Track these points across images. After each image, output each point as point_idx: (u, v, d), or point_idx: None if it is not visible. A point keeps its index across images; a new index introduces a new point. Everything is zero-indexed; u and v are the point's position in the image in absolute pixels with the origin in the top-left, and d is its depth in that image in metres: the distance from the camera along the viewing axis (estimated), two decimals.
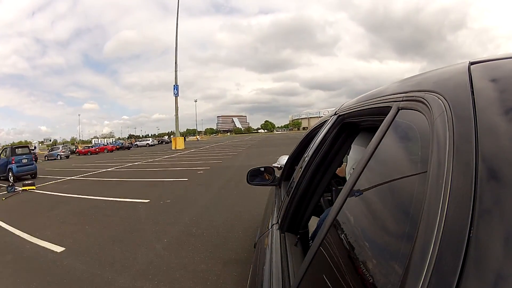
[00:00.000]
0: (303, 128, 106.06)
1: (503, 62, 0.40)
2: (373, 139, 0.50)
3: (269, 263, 0.90)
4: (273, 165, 2.59)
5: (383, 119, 0.51)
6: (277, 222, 1.12)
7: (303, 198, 0.97)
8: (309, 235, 1.05)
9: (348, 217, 0.49)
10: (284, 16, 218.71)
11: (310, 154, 1.04)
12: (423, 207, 0.29)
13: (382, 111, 0.56)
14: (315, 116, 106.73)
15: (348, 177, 1.08)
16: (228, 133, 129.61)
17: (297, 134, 46.39)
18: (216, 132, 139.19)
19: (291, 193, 1.07)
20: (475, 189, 0.25)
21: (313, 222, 1.08)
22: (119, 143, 41.18)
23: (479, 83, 0.35)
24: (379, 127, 0.51)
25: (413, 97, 0.45)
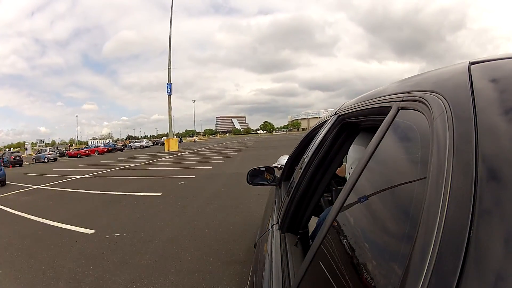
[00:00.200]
0: (303, 128, 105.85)
1: (503, 62, 0.40)
2: (373, 139, 0.50)
3: (269, 263, 0.90)
4: (273, 165, 2.59)
5: (383, 119, 0.51)
6: (277, 222, 1.12)
7: (303, 198, 0.97)
8: (309, 235, 1.05)
9: (348, 217, 0.49)
10: (283, 16, 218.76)
11: (310, 154, 1.04)
12: (423, 207, 0.29)
13: (382, 111, 0.56)
14: (314, 116, 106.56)
15: (348, 177, 1.08)
16: (227, 134, 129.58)
17: (296, 135, 45.25)
18: (215, 133, 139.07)
19: (291, 193, 1.07)
20: (475, 189, 0.25)
21: (313, 222, 1.08)
22: (111, 145, 39.95)
23: (479, 83, 0.35)
24: (379, 127, 0.51)
25: (413, 97, 0.45)
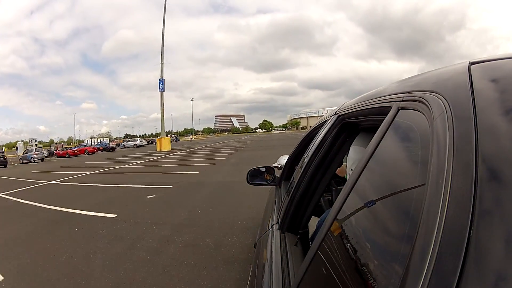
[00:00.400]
0: (302, 127, 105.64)
1: (503, 62, 0.40)
2: (373, 139, 0.50)
3: (269, 263, 0.90)
4: (273, 165, 2.59)
5: (383, 119, 0.51)
6: (277, 222, 1.12)
7: (303, 198, 0.97)
8: (309, 235, 1.05)
9: (348, 217, 0.49)
10: (283, 16, 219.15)
11: (310, 154, 1.04)
12: (423, 207, 0.29)
13: (382, 111, 0.56)
14: (314, 115, 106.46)
15: (348, 177, 1.08)
16: (226, 133, 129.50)
17: (296, 134, 44.00)
18: (214, 131, 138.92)
19: (291, 193, 1.07)
20: (475, 189, 0.25)
21: (313, 222, 1.08)
22: (103, 144, 38.64)
23: (479, 83, 0.35)
24: (379, 127, 0.51)
25: (413, 97, 0.45)
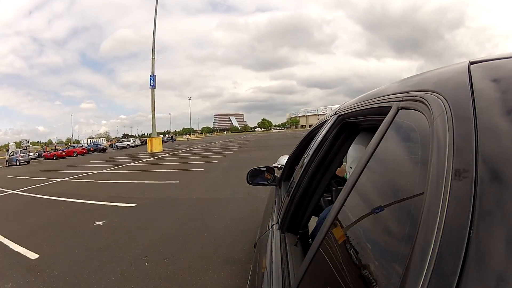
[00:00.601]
0: (301, 126, 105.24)
1: (503, 62, 0.40)
2: (373, 139, 0.50)
3: (269, 263, 0.90)
4: (273, 165, 2.59)
5: (383, 119, 0.51)
6: (277, 222, 1.12)
7: (303, 198, 0.97)
8: (309, 235, 1.05)
9: (348, 217, 0.49)
10: (282, 14, 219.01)
11: (310, 154, 1.04)
12: (423, 207, 0.29)
13: (382, 111, 0.55)
14: (313, 114, 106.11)
15: (348, 177, 1.08)
16: (225, 132, 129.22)
17: (295, 133, 43.14)
18: (213, 131, 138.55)
19: (291, 193, 1.07)
20: (475, 189, 0.25)
21: (313, 222, 1.08)
22: (94, 145, 36.41)
23: (479, 83, 0.35)
24: (379, 127, 0.51)
25: (413, 97, 0.45)
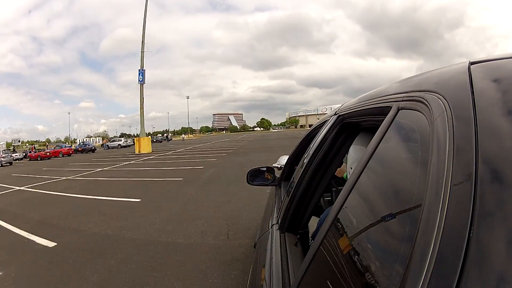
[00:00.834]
0: (301, 126, 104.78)
1: (503, 62, 0.40)
2: (373, 139, 0.50)
3: (269, 263, 0.90)
4: (273, 165, 2.59)
5: (383, 119, 0.51)
6: (277, 222, 1.12)
7: (303, 198, 0.97)
8: (309, 235, 1.05)
9: (348, 217, 0.49)
10: (281, 13, 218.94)
11: (310, 154, 1.04)
12: (423, 207, 0.29)
13: (382, 111, 0.56)
14: (313, 113, 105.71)
15: (348, 177, 1.08)
16: (224, 131, 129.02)
17: (294, 132, 42.11)
18: (212, 130, 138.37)
19: (291, 193, 1.07)
20: (475, 189, 0.25)
21: (313, 222, 1.08)
22: (83, 145, 34.55)
23: (479, 83, 0.35)
24: (379, 127, 0.51)
25: (413, 97, 0.45)
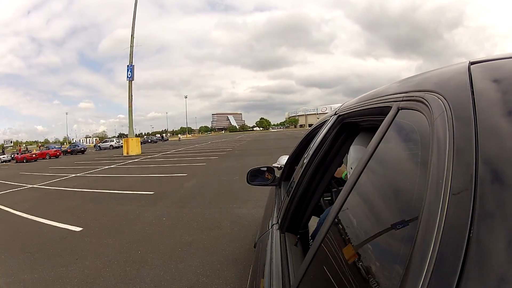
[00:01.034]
0: (300, 125, 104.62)
1: (503, 62, 0.40)
2: (373, 139, 0.50)
3: (269, 263, 0.90)
4: (273, 165, 2.59)
5: (383, 119, 0.51)
6: (277, 222, 1.12)
7: (303, 198, 0.97)
8: (309, 235, 1.05)
9: (348, 217, 0.49)
10: (280, 13, 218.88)
11: (310, 154, 1.04)
12: (423, 207, 0.29)
13: (382, 111, 0.56)
14: (312, 113, 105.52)
15: (348, 177, 1.08)
16: (223, 131, 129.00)
17: (294, 132, 41.24)
18: (211, 130, 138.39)
19: (291, 193, 1.07)
20: (475, 189, 0.25)
21: (313, 222, 1.08)
22: (72, 146, 33.40)
23: (479, 83, 0.35)
24: (379, 127, 0.51)
25: (413, 97, 0.45)
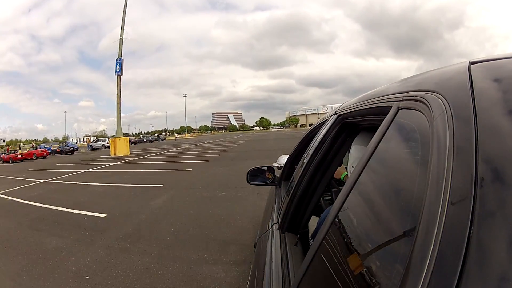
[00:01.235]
0: (301, 125, 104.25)
1: (503, 62, 0.40)
2: (373, 139, 0.50)
3: (269, 263, 0.90)
4: (273, 164, 2.59)
5: (383, 119, 0.51)
6: (277, 222, 1.12)
7: (303, 198, 0.97)
8: (309, 235, 1.05)
9: (349, 217, 0.49)
10: (280, 13, 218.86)
11: (310, 154, 1.04)
12: (423, 207, 0.29)
13: (382, 111, 0.56)
14: (313, 112, 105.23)
15: (348, 176, 1.08)
16: (223, 131, 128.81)
17: (295, 132, 40.28)
18: (211, 129, 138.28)
19: (291, 193, 1.07)
20: (475, 189, 0.25)
21: (313, 222, 1.08)
22: (61, 146, 31.59)
23: (479, 83, 0.35)
24: (379, 127, 0.51)
25: (413, 97, 0.45)
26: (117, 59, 21.52)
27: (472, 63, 0.40)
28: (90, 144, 36.34)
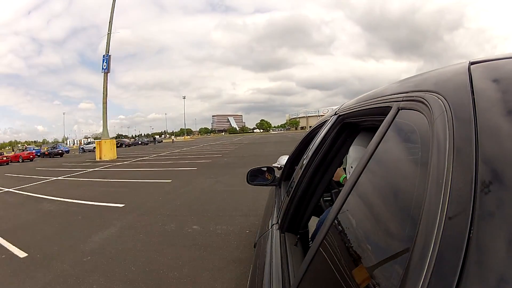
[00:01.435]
0: (301, 127, 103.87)
1: (503, 62, 0.40)
2: (373, 139, 0.50)
3: (269, 263, 0.90)
4: (273, 165, 2.59)
5: (383, 119, 0.51)
6: (277, 222, 1.12)
7: (303, 198, 0.97)
8: (309, 235, 1.05)
9: (348, 217, 0.49)
10: (280, 15, 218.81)
11: (310, 154, 1.04)
12: (423, 207, 0.29)
13: (382, 111, 0.56)
14: (313, 115, 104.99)
15: (347, 178, 1.08)
16: (223, 133, 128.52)
17: (296, 134, 39.62)
18: (211, 132, 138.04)
19: (291, 193, 1.07)
20: (475, 189, 0.25)
21: (313, 222, 1.08)
22: (50, 148, 29.56)
23: (479, 83, 0.35)
24: (379, 127, 0.51)
25: (413, 97, 0.45)
26: (104, 56, 19.47)
27: (472, 63, 0.40)
28: (82, 147, 34.87)
